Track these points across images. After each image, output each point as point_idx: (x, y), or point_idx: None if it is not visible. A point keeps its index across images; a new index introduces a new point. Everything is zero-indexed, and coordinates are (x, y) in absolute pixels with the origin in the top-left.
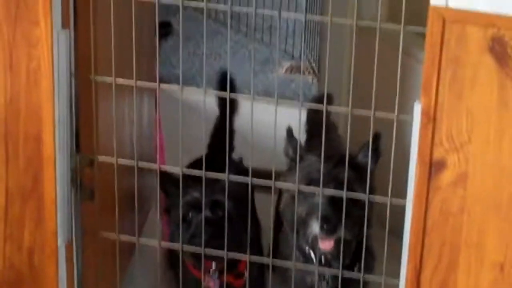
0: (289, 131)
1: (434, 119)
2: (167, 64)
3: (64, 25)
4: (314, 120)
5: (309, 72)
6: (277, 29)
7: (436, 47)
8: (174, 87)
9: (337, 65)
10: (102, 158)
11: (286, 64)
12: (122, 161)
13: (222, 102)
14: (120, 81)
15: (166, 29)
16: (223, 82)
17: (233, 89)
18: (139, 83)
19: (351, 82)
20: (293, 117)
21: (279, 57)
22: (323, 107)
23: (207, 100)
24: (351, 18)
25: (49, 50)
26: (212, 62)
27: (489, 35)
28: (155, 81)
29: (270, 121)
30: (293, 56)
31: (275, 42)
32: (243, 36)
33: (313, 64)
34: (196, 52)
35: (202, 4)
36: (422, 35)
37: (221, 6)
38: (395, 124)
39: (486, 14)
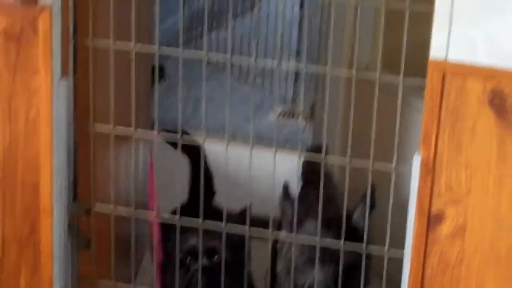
0: (285, 188)
1: (433, 171)
2: (161, 108)
3: (64, 73)
4: (309, 168)
5: (302, 118)
6: (271, 74)
7: (436, 99)
8: (171, 136)
9: (332, 111)
10: (99, 208)
11: (279, 109)
12: (120, 210)
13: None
14: (119, 130)
15: (159, 73)
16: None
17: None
18: (138, 132)
19: (350, 133)
20: (287, 163)
21: (272, 101)
22: (321, 158)
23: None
24: (347, 66)
25: (48, 98)
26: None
27: (489, 88)
28: (149, 127)
29: (262, 166)
30: (286, 101)
31: (267, 86)
32: (235, 80)
33: (307, 109)
34: (188, 96)
35: (203, 54)
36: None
37: (221, 57)
38: (393, 176)
39: (485, 67)
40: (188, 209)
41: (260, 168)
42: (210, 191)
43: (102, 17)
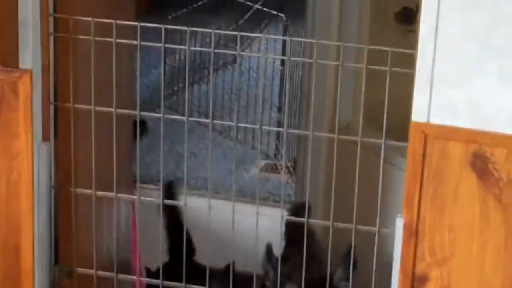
0: (269, 249)
1: (417, 233)
2: (142, 163)
3: (44, 137)
4: (293, 228)
5: (285, 172)
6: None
7: (418, 162)
8: (155, 200)
9: (314, 168)
10: (81, 270)
11: (261, 163)
12: (102, 273)
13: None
14: (100, 193)
15: (141, 127)
16: (168, 191)
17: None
18: (120, 195)
19: (333, 195)
20: (270, 217)
21: (254, 156)
22: (304, 220)
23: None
24: (328, 123)
25: (29, 162)
26: (187, 161)
27: (471, 151)
28: (131, 182)
29: (245, 221)
30: (268, 155)
31: (249, 141)
32: (218, 134)
33: (289, 164)
34: (171, 151)
35: (183, 118)
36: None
37: (203, 120)
38: (376, 237)
39: (467, 130)
40: (170, 267)
41: (243, 223)
42: (189, 248)
43: (82, 79)
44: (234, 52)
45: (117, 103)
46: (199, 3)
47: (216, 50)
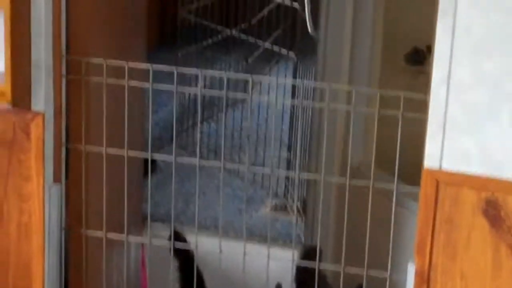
0: None
1: (428, 280)
2: (151, 202)
3: (56, 179)
4: (303, 269)
5: (293, 212)
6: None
7: (430, 208)
8: (165, 242)
9: (325, 209)
10: None
11: (270, 203)
12: None
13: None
14: (111, 235)
15: (151, 165)
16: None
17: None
18: (131, 237)
19: (344, 239)
20: (280, 258)
21: (263, 195)
22: (315, 264)
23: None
24: (339, 165)
25: (40, 204)
26: (196, 200)
27: (483, 198)
28: (141, 221)
29: (255, 262)
30: (277, 195)
31: (258, 180)
32: (226, 173)
33: (298, 204)
34: (180, 189)
35: (195, 160)
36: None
37: (214, 163)
38: (388, 283)
39: (479, 177)
40: None
41: (252, 263)
42: None
43: (94, 120)
44: (245, 96)
45: (128, 142)
46: (209, 41)
47: (229, 94)
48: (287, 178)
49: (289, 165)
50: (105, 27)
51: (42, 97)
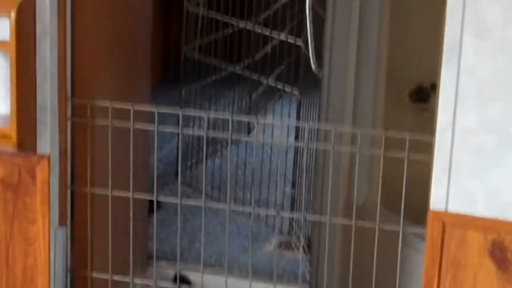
0: None
1: None
2: (156, 240)
3: (61, 222)
4: None
5: (298, 249)
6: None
7: (436, 250)
8: (170, 285)
9: (330, 246)
10: None
11: (275, 240)
12: None
13: None
14: (117, 277)
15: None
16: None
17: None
18: (136, 279)
19: (350, 279)
20: None
21: (267, 232)
22: None
23: None
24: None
25: (45, 247)
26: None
27: (490, 240)
28: (146, 260)
29: None
30: (281, 232)
31: (262, 217)
32: (231, 210)
33: (303, 241)
34: (184, 227)
35: (200, 202)
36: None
37: (220, 205)
38: None
39: (486, 219)
40: None
41: None
42: None
43: (99, 162)
44: (250, 139)
45: (133, 181)
46: (213, 77)
47: (234, 136)
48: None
49: (293, 202)
50: (110, 69)
51: (48, 140)
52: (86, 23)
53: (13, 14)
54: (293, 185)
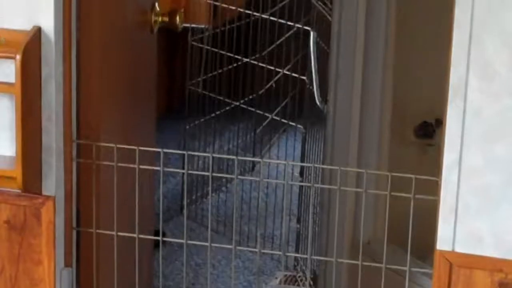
0: None
1: None
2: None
3: (66, 263)
4: None
5: (304, 284)
6: (272, 239)
7: None
8: None
9: (336, 284)
10: None
11: (280, 275)
12: None
13: None
14: None
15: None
16: None
17: None
18: None
19: None
20: None
21: (272, 266)
22: None
23: None
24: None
25: None
26: (206, 273)
27: (496, 280)
28: None
29: None
30: (287, 267)
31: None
32: (236, 244)
33: (309, 276)
34: (189, 261)
35: (206, 242)
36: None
37: (226, 245)
38: None
39: (493, 259)
40: None
41: None
42: None
43: (104, 202)
44: (257, 179)
45: (138, 217)
46: (217, 112)
47: (240, 177)
48: (297, 250)
49: (298, 236)
50: (115, 109)
51: (53, 181)
52: (92, 64)
53: (18, 56)
54: (298, 220)
